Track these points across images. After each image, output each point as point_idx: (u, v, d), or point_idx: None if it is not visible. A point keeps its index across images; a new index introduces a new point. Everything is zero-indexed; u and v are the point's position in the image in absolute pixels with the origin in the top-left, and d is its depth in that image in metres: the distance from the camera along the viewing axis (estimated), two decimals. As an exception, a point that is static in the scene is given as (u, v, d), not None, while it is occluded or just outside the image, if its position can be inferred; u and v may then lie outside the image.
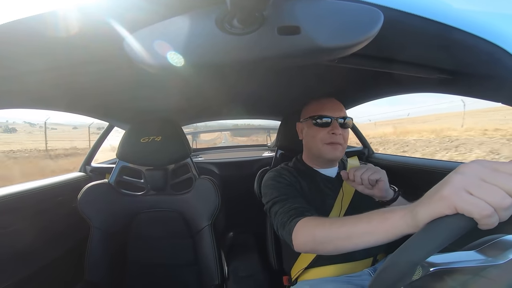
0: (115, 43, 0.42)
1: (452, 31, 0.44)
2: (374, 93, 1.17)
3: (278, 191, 0.85)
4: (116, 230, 1.09)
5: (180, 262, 1.12)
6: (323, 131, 0.90)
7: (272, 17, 0.35)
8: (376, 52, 0.55)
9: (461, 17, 0.44)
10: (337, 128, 0.88)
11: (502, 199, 0.34)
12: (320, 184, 0.93)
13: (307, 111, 0.97)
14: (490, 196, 0.34)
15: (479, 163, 0.37)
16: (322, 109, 0.91)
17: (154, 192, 1.15)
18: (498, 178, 0.35)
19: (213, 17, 0.35)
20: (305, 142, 0.99)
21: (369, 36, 0.35)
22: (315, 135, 0.91)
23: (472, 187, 0.36)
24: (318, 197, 0.91)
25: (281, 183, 0.88)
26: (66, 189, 1.23)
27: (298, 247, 0.68)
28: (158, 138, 1.07)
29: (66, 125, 43.26)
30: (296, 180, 0.92)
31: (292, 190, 0.86)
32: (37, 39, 0.44)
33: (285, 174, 0.92)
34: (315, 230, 0.64)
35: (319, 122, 0.90)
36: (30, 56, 0.51)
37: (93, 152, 1.52)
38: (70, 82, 0.76)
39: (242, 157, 2.19)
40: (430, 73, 0.63)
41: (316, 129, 0.91)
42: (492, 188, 0.35)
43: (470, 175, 0.37)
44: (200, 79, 0.92)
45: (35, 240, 0.99)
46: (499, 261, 0.39)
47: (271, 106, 1.55)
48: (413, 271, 0.39)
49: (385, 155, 1.68)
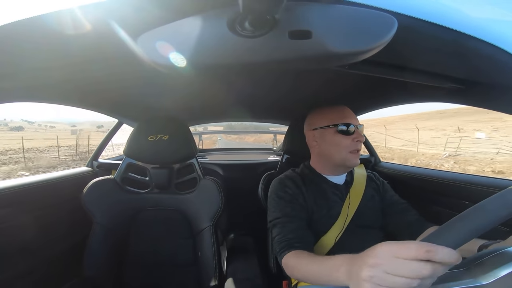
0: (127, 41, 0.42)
1: (468, 40, 0.43)
2: (384, 101, 1.16)
3: (280, 211, 0.88)
4: (118, 226, 1.09)
5: (180, 261, 1.12)
6: (348, 139, 0.89)
7: (284, 21, 0.34)
8: (388, 59, 0.54)
9: (478, 26, 0.43)
10: (361, 136, 0.89)
11: (407, 286, 0.39)
12: (327, 191, 0.93)
13: (323, 119, 0.94)
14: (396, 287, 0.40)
15: (383, 252, 0.42)
16: (345, 117, 0.91)
17: (158, 190, 1.15)
18: (398, 268, 0.40)
19: (225, 18, 0.35)
20: (323, 150, 0.95)
21: (382, 43, 0.35)
22: (339, 143, 0.89)
23: (379, 281, 0.41)
24: (324, 205, 0.91)
25: (283, 199, 0.90)
26: (72, 183, 1.25)
27: (289, 275, 0.75)
28: (165, 137, 1.07)
29: (62, 123, 44.38)
30: (300, 191, 0.91)
31: (294, 207, 0.88)
32: (52, 37, 0.45)
33: (289, 185, 0.92)
34: (294, 270, 0.72)
35: (345, 130, 0.89)
36: (45, 52, 0.52)
37: (101, 148, 1.54)
38: (82, 78, 0.77)
39: (247, 160, 2.18)
40: (443, 82, 0.62)
41: (341, 136, 0.89)
42: (395, 279, 0.40)
43: (376, 270, 0.42)
44: (209, 80, 0.92)
45: (37, 234, 1.00)
46: (484, 281, 0.39)
47: (279, 110, 1.55)
48: None
49: (392, 164, 1.65)
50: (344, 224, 0.89)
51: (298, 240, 0.79)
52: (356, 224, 0.90)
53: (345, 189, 0.95)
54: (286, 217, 0.85)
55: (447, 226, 0.39)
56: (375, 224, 0.93)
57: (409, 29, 0.41)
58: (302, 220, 0.86)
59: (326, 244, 0.88)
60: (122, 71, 0.75)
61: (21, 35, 0.44)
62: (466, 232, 0.38)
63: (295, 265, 0.72)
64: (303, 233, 0.83)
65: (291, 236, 0.80)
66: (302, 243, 0.79)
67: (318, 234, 0.89)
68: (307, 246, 0.79)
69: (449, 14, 0.42)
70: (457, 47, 0.45)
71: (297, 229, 0.82)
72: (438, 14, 0.41)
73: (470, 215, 0.38)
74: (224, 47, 0.35)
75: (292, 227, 0.83)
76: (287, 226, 0.83)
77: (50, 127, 32.11)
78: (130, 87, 0.98)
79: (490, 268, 0.40)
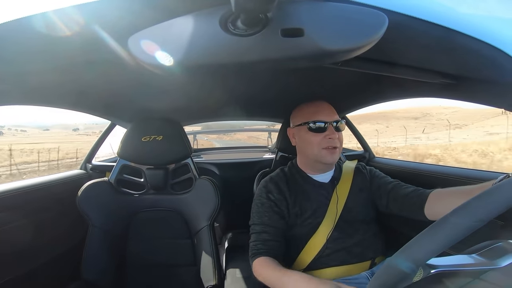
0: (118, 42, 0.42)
1: (456, 35, 0.44)
2: (377, 96, 1.16)
3: (258, 218, 0.92)
4: (114, 229, 1.08)
5: (179, 262, 1.11)
6: (319, 136, 0.89)
7: (276, 19, 0.34)
8: (379, 55, 0.55)
9: (465, 22, 0.43)
10: (333, 133, 0.89)
11: None
12: (312, 191, 0.94)
13: (299, 116, 0.96)
14: None
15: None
16: (316, 114, 0.91)
17: (154, 192, 1.15)
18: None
19: (217, 17, 0.35)
20: (300, 148, 0.98)
21: (373, 40, 0.35)
22: (311, 141, 0.90)
23: None
24: (309, 206, 0.91)
25: (264, 205, 0.92)
26: (66, 186, 1.23)
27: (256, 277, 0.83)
28: (159, 137, 1.07)
29: (31, 127, 43.41)
30: (283, 197, 0.93)
31: (271, 217, 0.91)
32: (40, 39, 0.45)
33: (272, 190, 0.94)
34: (258, 275, 0.81)
35: (315, 127, 0.90)
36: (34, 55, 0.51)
37: (94, 150, 1.52)
38: (73, 80, 0.76)
39: (242, 158, 2.18)
40: (433, 77, 0.63)
41: (312, 134, 0.90)
42: None
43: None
44: (202, 79, 0.92)
45: (34, 238, 0.98)
46: (499, 264, 0.39)
47: (273, 108, 1.55)
48: (412, 274, 0.39)
49: (386, 159, 1.67)
50: (334, 221, 0.89)
51: (267, 250, 0.85)
52: (346, 220, 0.90)
53: (331, 187, 0.95)
54: (262, 226, 0.90)
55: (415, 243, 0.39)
56: (367, 218, 0.93)
57: (399, 26, 0.42)
58: (277, 229, 0.90)
59: (317, 243, 0.88)
60: (114, 72, 0.75)
61: (9, 37, 0.43)
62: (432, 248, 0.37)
63: (259, 271, 0.81)
64: (274, 244, 0.87)
65: (261, 246, 0.86)
66: (271, 253, 0.85)
67: (306, 236, 0.90)
68: (275, 255, 0.85)
69: (437, 10, 0.42)
70: (446, 43, 0.46)
71: (269, 240, 0.87)
72: (427, 10, 0.42)
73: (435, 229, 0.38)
74: (216, 46, 0.35)
75: (265, 238, 0.88)
76: (262, 235, 0.88)
77: (21, 131, 31.38)
78: (122, 88, 0.97)
79: (503, 254, 0.40)
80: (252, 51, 0.35)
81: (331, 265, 0.86)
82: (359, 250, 0.87)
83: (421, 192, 0.83)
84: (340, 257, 0.87)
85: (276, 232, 0.89)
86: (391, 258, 0.39)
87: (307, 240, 0.89)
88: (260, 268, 0.81)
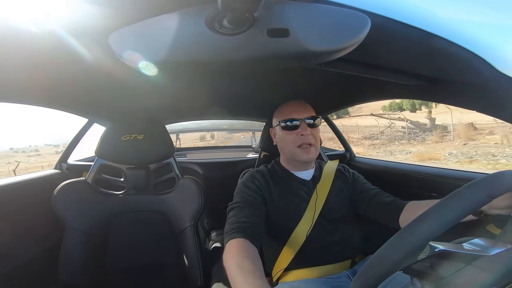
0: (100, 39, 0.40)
1: (434, 39, 0.46)
2: (359, 97, 1.20)
3: (241, 197, 0.89)
4: (93, 230, 1.04)
5: (163, 263, 1.09)
6: (293, 134, 0.93)
7: (262, 19, 0.34)
8: (361, 57, 0.56)
9: (443, 25, 0.45)
10: (305, 129, 0.91)
11: None
12: (294, 187, 0.95)
13: (278, 116, 1.00)
14: None
15: None
16: (290, 113, 0.94)
17: (135, 192, 1.11)
18: None
19: (203, 16, 0.34)
20: (279, 146, 1.02)
21: (356, 41, 0.36)
22: (286, 139, 0.95)
23: None
24: (291, 200, 0.92)
25: (248, 188, 0.91)
26: (39, 187, 1.17)
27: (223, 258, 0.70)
28: (140, 136, 1.04)
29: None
30: (267, 186, 0.93)
31: (256, 198, 0.88)
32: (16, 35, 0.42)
33: (258, 178, 0.94)
34: (226, 260, 0.66)
35: (288, 125, 0.93)
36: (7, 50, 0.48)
37: (70, 149, 1.45)
38: (47, 76, 0.72)
39: (226, 158, 2.17)
40: (410, 79, 0.65)
41: (286, 132, 0.94)
42: None
43: None
44: (186, 78, 0.90)
45: (6, 240, 0.93)
46: (490, 252, 0.42)
47: (257, 107, 1.55)
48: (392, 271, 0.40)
49: (366, 158, 1.72)
50: (313, 219, 0.91)
51: (249, 225, 0.77)
52: (325, 218, 0.91)
53: (312, 185, 0.96)
54: (246, 203, 0.86)
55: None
56: (345, 217, 0.95)
57: (380, 28, 0.43)
58: (261, 212, 0.86)
59: (298, 239, 0.89)
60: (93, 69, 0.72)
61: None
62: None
63: (229, 257, 0.67)
64: (256, 221, 0.81)
65: (245, 220, 0.79)
66: (252, 230, 0.76)
67: (288, 230, 0.90)
68: (255, 236, 0.76)
69: (417, 14, 0.44)
70: (424, 46, 0.48)
71: (252, 215, 0.81)
72: (407, 13, 0.43)
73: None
74: (202, 45, 0.35)
75: (248, 213, 0.82)
76: (244, 211, 0.82)
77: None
78: (102, 85, 0.93)
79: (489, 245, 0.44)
80: (237, 50, 0.35)
81: (312, 264, 0.87)
82: (339, 249, 0.89)
83: (399, 202, 0.88)
84: (320, 256, 0.88)
85: (259, 213, 0.85)
86: (370, 259, 0.41)
87: (289, 235, 0.90)
88: (230, 256, 0.67)
